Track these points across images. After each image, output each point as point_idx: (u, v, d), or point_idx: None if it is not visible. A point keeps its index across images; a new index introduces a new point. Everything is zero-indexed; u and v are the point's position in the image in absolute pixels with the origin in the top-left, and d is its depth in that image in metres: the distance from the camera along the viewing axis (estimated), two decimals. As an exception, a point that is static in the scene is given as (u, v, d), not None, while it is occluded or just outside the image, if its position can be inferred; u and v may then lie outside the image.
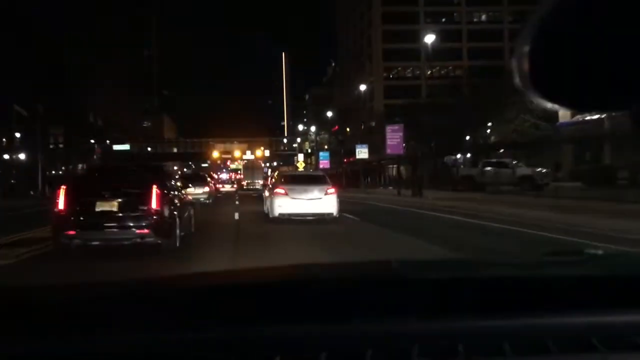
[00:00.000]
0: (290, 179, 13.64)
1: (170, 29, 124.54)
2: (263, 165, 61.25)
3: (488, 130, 41.80)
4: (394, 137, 31.51)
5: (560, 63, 0.72)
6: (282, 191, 12.34)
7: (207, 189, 20.27)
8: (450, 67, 62.57)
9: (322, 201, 12.34)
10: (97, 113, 63.04)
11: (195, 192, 17.40)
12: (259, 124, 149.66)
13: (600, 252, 2.70)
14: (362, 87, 55.64)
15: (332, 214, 12.38)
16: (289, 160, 75.02)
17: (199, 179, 20.74)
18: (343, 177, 42.11)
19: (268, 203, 13.15)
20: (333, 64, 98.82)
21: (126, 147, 58.60)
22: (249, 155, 69.85)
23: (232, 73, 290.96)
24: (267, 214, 12.94)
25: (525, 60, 0.73)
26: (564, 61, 0.72)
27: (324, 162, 49.41)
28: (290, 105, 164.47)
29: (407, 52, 63.58)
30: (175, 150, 79.46)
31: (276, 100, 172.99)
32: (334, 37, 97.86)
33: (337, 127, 63.71)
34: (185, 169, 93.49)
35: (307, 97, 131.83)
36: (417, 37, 52.30)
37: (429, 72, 56.18)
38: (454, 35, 64.07)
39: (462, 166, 34.61)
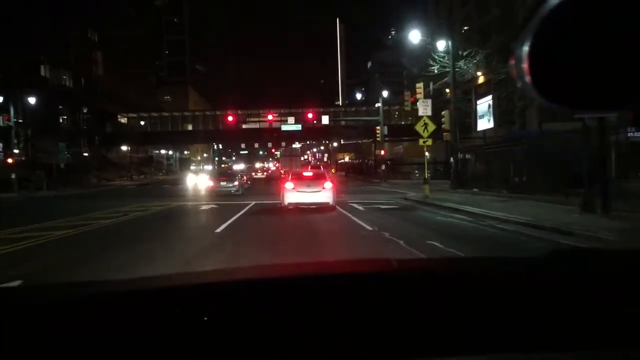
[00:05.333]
0: (296, 176, 17.49)
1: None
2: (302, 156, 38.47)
3: None
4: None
5: (560, 63, 0.72)
6: (291, 186, 16.31)
7: (236, 183, 27.21)
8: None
9: (320, 193, 16.14)
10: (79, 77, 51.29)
11: (227, 185, 26.66)
12: (309, 101, 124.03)
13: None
14: None
15: (328, 203, 16.14)
16: (363, 142, 48.14)
17: (230, 176, 29.15)
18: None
19: (281, 195, 16.93)
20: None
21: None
22: (291, 126, 45.09)
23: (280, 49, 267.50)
24: (281, 203, 16.89)
25: (525, 60, 0.72)
26: (563, 61, 0.71)
27: None
28: (345, 82, 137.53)
29: None
30: (190, 127, 55.64)
31: (328, 71, 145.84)
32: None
33: (409, 99, 37.46)
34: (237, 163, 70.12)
35: (369, 64, 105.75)
36: None
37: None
38: None
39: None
